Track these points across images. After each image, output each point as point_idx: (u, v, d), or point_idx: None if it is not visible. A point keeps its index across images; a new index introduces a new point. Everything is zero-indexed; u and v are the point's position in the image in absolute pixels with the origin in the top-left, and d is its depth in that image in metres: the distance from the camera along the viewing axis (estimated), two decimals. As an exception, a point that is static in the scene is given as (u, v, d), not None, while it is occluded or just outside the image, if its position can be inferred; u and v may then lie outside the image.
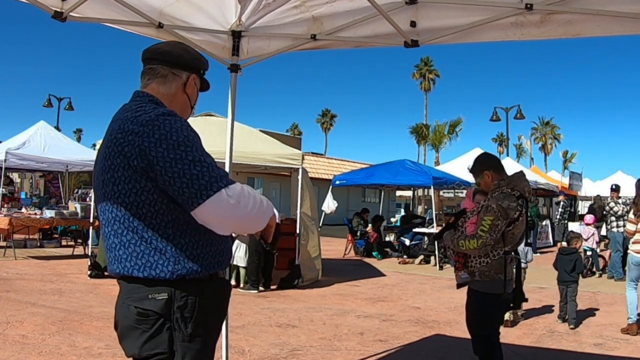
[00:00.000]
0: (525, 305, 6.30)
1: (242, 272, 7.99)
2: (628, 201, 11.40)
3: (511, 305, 3.37)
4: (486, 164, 3.43)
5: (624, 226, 9.69)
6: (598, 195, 15.89)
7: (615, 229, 9.81)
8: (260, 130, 10.75)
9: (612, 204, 9.92)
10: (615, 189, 10.49)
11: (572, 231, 7.58)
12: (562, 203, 15.54)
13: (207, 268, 1.76)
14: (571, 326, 6.15)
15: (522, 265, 6.84)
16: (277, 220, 1.95)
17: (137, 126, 1.66)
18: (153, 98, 1.84)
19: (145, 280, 1.71)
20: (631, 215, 5.95)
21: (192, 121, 2.09)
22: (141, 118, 1.69)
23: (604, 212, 9.84)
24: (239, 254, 7.80)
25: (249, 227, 1.81)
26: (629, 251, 6.09)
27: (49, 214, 10.79)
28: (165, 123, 1.66)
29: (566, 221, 14.37)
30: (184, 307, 1.71)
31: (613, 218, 9.84)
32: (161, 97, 1.87)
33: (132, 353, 1.75)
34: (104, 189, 1.74)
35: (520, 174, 3.36)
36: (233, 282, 7.86)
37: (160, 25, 3.47)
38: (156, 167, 1.62)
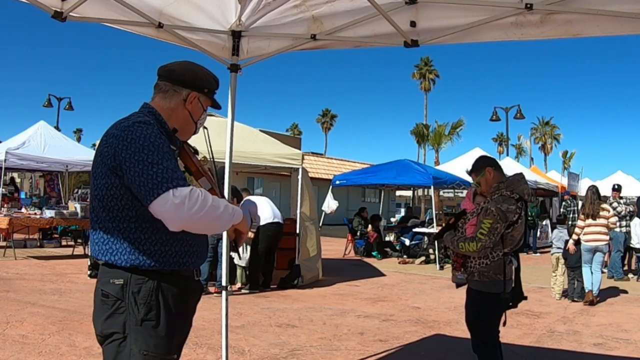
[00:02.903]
0: (525, 305, 6.32)
1: (239, 271, 7.98)
2: (628, 201, 11.40)
3: (510, 304, 3.37)
4: (488, 162, 3.47)
5: (627, 226, 9.76)
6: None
7: (618, 229, 9.79)
8: (260, 130, 10.74)
9: (615, 204, 9.90)
10: (618, 188, 10.48)
11: (574, 224, 8.19)
12: (563, 203, 15.56)
13: (164, 264, 1.91)
14: (576, 299, 7.76)
15: (559, 251, 8.06)
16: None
17: (117, 130, 1.90)
18: (152, 110, 2.05)
19: (107, 264, 1.92)
20: (582, 216, 7.83)
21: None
22: (122, 124, 1.92)
23: None
24: (243, 254, 7.79)
25: (197, 227, 1.87)
26: (582, 240, 7.71)
27: (49, 214, 10.79)
28: (138, 129, 1.87)
29: (571, 221, 14.35)
30: (137, 293, 1.88)
31: (616, 218, 9.82)
32: (161, 110, 2.06)
33: (98, 330, 1.95)
34: (91, 182, 2.00)
35: (520, 177, 3.38)
36: (238, 285, 7.88)
37: (160, 25, 3.47)
38: (124, 166, 1.83)
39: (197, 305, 2.15)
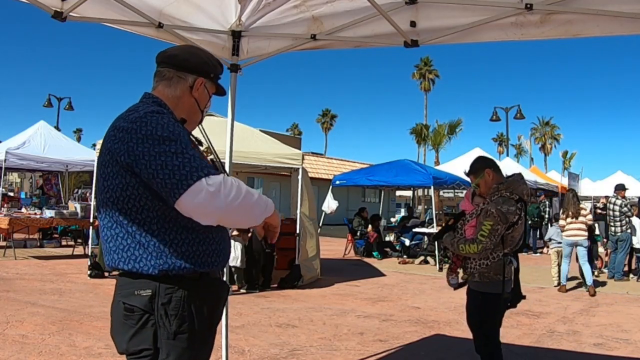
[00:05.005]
0: (525, 305, 6.34)
1: (238, 272, 7.97)
2: (629, 202, 11.38)
3: (509, 304, 3.36)
4: (486, 163, 3.46)
5: (632, 227, 9.78)
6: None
7: (629, 230, 9.79)
8: (260, 130, 10.74)
9: (629, 206, 9.92)
10: (623, 188, 10.45)
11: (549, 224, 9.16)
12: (545, 202, 15.70)
13: (194, 266, 1.74)
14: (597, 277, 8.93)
15: (558, 246, 9.17)
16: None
17: (127, 123, 1.70)
18: (157, 100, 1.87)
19: (131, 274, 1.73)
20: (562, 215, 8.88)
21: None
22: (132, 116, 1.72)
23: (618, 213, 9.76)
24: (234, 255, 7.78)
25: (234, 218, 1.72)
26: (563, 235, 8.76)
27: (49, 214, 10.79)
28: (152, 120, 1.69)
29: (546, 221, 14.44)
30: (167, 304, 1.71)
31: (628, 219, 9.81)
32: (166, 100, 1.89)
33: (122, 349, 1.79)
34: (98, 184, 1.80)
35: (519, 177, 3.37)
36: (235, 287, 7.86)
37: (160, 25, 3.47)
38: (142, 161, 1.63)
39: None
